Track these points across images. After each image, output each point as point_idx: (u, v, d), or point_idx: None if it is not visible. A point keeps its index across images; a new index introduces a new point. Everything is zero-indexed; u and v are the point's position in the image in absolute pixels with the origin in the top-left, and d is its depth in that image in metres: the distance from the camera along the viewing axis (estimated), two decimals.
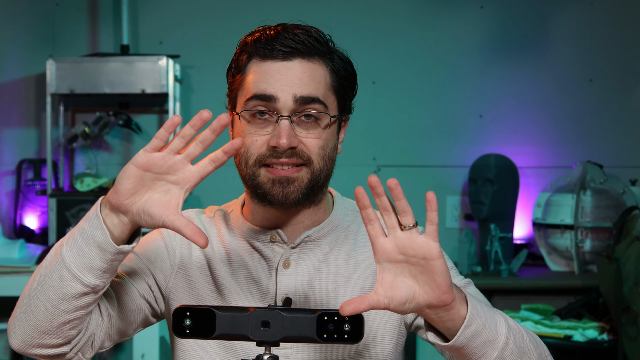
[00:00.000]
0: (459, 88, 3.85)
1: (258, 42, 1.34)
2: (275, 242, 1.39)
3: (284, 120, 1.31)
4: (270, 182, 1.33)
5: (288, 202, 1.34)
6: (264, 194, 1.34)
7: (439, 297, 1.11)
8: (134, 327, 1.39)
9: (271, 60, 1.33)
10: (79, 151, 3.77)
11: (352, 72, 1.40)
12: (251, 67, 1.35)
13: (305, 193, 1.34)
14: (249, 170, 1.34)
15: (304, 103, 1.32)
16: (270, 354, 1.14)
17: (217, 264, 1.40)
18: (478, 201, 3.58)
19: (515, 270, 3.46)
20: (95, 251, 1.19)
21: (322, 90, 1.34)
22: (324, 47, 1.36)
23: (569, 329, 2.95)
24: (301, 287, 1.37)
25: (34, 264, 3.15)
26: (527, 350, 1.21)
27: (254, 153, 1.33)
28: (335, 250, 1.40)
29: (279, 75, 1.32)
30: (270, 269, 1.38)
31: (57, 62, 3.43)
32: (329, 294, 1.37)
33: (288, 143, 1.30)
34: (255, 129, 1.33)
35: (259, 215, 1.40)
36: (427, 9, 3.84)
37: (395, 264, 1.12)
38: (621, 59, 3.87)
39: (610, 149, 3.84)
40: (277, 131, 1.31)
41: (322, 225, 1.40)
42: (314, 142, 1.33)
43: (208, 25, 3.81)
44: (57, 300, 1.21)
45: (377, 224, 1.13)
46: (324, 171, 1.35)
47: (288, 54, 1.32)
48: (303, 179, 1.33)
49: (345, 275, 1.39)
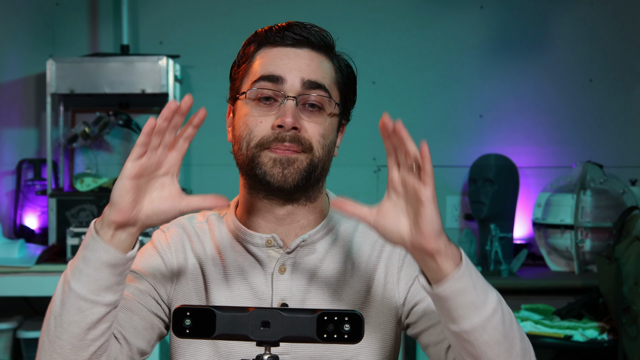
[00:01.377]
0: (459, 88, 3.85)
1: (269, 31, 1.37)
2: (271, 247, 1.38)
3: (289, 100, 1.32)
4: (271, 162, 1.32)
5: (286, 184, 1.33)
6: (263, 175, 1.33)
7: (421, 243, 1.15)
8: (151, 343, 1.38)
9: (281, 46, 1.35)
10: (79, 151, 3.77)
11: (354, 77, 1.42)
12: (259, 54, 1.37)
13: (304, 176, 1.33)
14: (249, 152, 1.34)
15: (310, 87, 1.33)
16: (271, 354, 1.14)
17: (211, 270, 1.39)
18: (478, 201, 3.58)
19: (515, 270, 3.46)
20: (106, 271, 1.18)
21: (328, 80, 1.36)
22: (332, 48, 1.40)
23: (569, 329, 2.95)
24: (297, 293, 1.37)
25: (34, 264, 3.15)
26: (512, 337, 1.20)
27: (257, 135, 1.33)
28: (331, 254, 1.40)
29: (288, 59, 1.34)
30: (266, 274, 1.37)
31: (57, 62, 3.44)
32: (326, 299, 1.37)
33: (293, 122, 1.30)
34: (259, 111, 1.34)
35: (254, 214, 1.39)
36: (427, 9, 3.84)
37: (397, 196, 1.17)
38: (621, 59, 3.87)
39: (610, 149, 3.84)
40: (283, 110, 1.32)
41: (317, 229, 1.40)
42: (315, 129, 1.34)
43: (208, 25, 3.81)
44: (82, 332, 1.19)
45: (394, 157, 1.17)
46: (322, 161, 1.35)
47: (298, 42, 1.35)
48: (302, 162, 1.33)
49: (342, 280, 1.38)
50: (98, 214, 3.41)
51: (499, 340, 1.18)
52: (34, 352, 3.21)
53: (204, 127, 1.38)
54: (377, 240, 1.42)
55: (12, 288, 3.09)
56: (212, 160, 3.74)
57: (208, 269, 1.40)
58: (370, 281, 1.39)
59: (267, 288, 1.37)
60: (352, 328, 1.12)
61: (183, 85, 3.73)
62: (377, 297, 1.39)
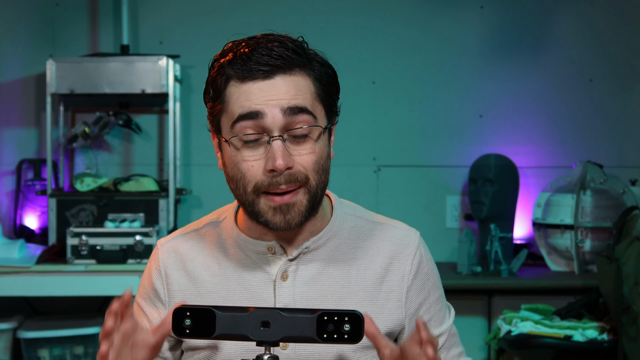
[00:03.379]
0: (459, 88, 3.85)
1: (234, 64, 1.29)
2: (273, 254, 1.37)
3: (276, 140, 1.27)
4: (271, 211, 1.30)
5: (291, 228, 1.32)
6: (266, 223, 1.31)
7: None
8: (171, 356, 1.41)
9: (251, 81, 1.28)
10: (79, 151, 3.77)
11: (333, 76, 1.36)
12: (230, 90, 1.30)
13: (307, 215, 1.32)
14: (247, 197, 1.31)
15: (292, 114, 1.27)
16: (271, 354, 1.14)
17: (209, 282, 1.38)
18: (478, 201, 3.58)
19: (515, 270, 3.46)
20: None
21: (309, 100, 1.30)
22: (303, 57, 1.31)
23: (569, 329, 2.95)
24: (300, 299, 1.35)
25: (34, 264, 3.15)
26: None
27: (252, 180, 1.29)
28: (334, 260, 1.38)
29: (262, 93, 1.27)
30: (267, 281, 1.36)
31: (57, 62, 3.43)
32: (329, 307, 1.35)
33: (285, 164, 1.26)
34: (247, 153, 1.29)
35: (255, 231, 1.38)
36: (427, 9, 3.84)
37: None
38: (621, 59, 3.87)
39: (610, 149, 3.84)
40: (272, 153, 1.27)
41: (320, 235, 1.38)
42: (308, 159, 1.30)
43: (208, 25, 3.80)
44: None
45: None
46: (320, 185, 1.32)
47: (268, 72, 1.28)
48: (302, 201, 1.30)
49: (346, 287, 1.37)
50: (98, 213, 3.42)
51: None
52: (34, 352, 3.22)
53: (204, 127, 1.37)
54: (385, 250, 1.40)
55: (12, 288, 3.09)
56: (212, 160, 3.72)
57: (205, 281, 1.39)
58: (377, 292, 1.38)
59: (269, 295, 1.36)
60: (352, 328, 1.12)
61: (183, 85, 3.73)
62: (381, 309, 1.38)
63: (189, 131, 3.75)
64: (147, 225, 3.37)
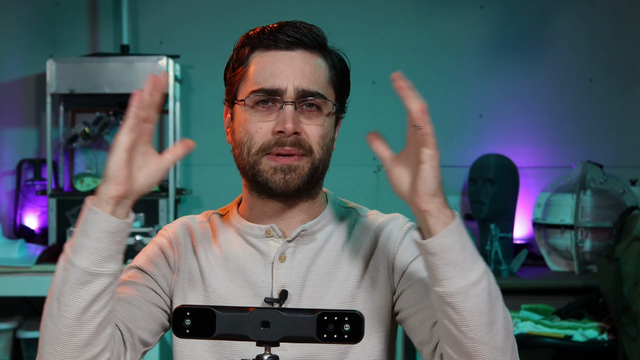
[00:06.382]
0: (459, 88, 3.85)
1: (262, 34, 1.38)
2: (271, 237, 1.41)
3: (288, 105, 1.34)
4: (271, 170, 1.35)
5: (289, 190, 1.36)
6: (265, 182, 1.36)
7: (415, 201, 1.20)
8: (153, 334, 1.39)
9: (275, 50, 1.37)
10: (79, 151, 3.77)
11: (347, 70, 1.44)
12: (254, 58, 1.38)
13: (307, 181, 1.36)
14: (250, 158, 1.36)
15: (305, 96, 1.35)
16: (271, 354, 1.14)
17: (211, 265, 1.41)
18: (478, 201, 3.59)
19: (515, 270, 3.46)
20: (107, 240, 1.20)
21: (322, 83, 1.38)
22: (324, 45, 1.41)
23: (569, 329, 2.95)
24: (297, 279, 1.39)
25: (34, 264, 3.15)
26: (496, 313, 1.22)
27: (258, 141, 1.35)
28: (330, 243, 1.42)
29: (284, 66, 1.35)
30: (266, 263, 1.40)
31: (57, 62, 3.44)
32: (323, 284, 1.39)
33: (293, 127, 1.33)
34: (259, 116, 1.35)
35: (256, 210, 1.42)
36: (427, 9, 3.84)
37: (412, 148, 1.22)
38: (621, 59, 3.87)
39: (610, 149, 3.85)
40: (282, 117, 1.34)
41: (318, 219, 1.42)
42: (315, 131, 1.36)
43: (208, 25, 3.81)
44: (87, 306, 1.20)
45: None
46: (322, 161, 1.38)
47: (291, 44, 1.36)
48: (304, 167, 1.36)
49: (338, 266, 1.41)
50: None
51: (481, 310, 1.19)
52: (34, 352, 3.21)
53: (204, 127, 1.38)
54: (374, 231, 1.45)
55: (12, 288, 3.10)
56: (212, 160, 3.74)
57: (208, 263, 1.42)
58: (365, 266, 1.42)
59: (267, 277, 1.39)
60: (352, 328, 1.12)
61: (183, 85, 3.73)
62: (371, 281, 1.41)
63: (188, 131, 3.74)
64: (147, 225, 3.37)
